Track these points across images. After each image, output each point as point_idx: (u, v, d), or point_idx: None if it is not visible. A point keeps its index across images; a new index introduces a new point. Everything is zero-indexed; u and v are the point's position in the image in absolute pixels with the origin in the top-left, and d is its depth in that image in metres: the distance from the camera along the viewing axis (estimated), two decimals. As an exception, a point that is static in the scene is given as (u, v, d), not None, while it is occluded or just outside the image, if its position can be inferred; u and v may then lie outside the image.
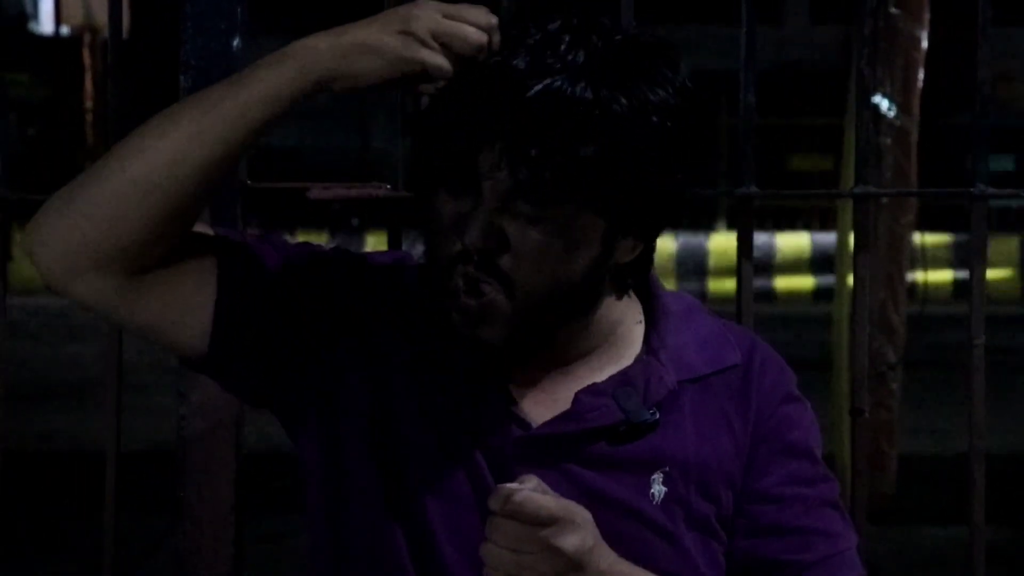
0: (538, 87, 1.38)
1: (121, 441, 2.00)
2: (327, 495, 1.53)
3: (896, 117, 6.37)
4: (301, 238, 13.19)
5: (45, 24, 19.18)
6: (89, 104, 15.90)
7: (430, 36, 1.41)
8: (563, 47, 1.39)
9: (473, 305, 1.43)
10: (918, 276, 12.27)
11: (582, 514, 1.41)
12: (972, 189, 2.06)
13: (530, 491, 1.39)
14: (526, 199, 1.40)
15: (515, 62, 1.39)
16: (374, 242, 12.77)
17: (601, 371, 1.52)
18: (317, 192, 1.99)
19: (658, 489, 1.50)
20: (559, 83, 1.38)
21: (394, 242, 2.00)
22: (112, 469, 2.00)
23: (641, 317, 1.56)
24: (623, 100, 1.39)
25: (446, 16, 1.42)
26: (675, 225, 1.52)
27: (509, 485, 1.40)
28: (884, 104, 6.29)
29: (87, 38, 16.26)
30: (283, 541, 4.65)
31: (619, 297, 1.52)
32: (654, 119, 1.40)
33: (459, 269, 1.42)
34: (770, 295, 14.41)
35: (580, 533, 1.40)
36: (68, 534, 6.16)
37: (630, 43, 1.43)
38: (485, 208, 1.41)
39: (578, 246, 1.43)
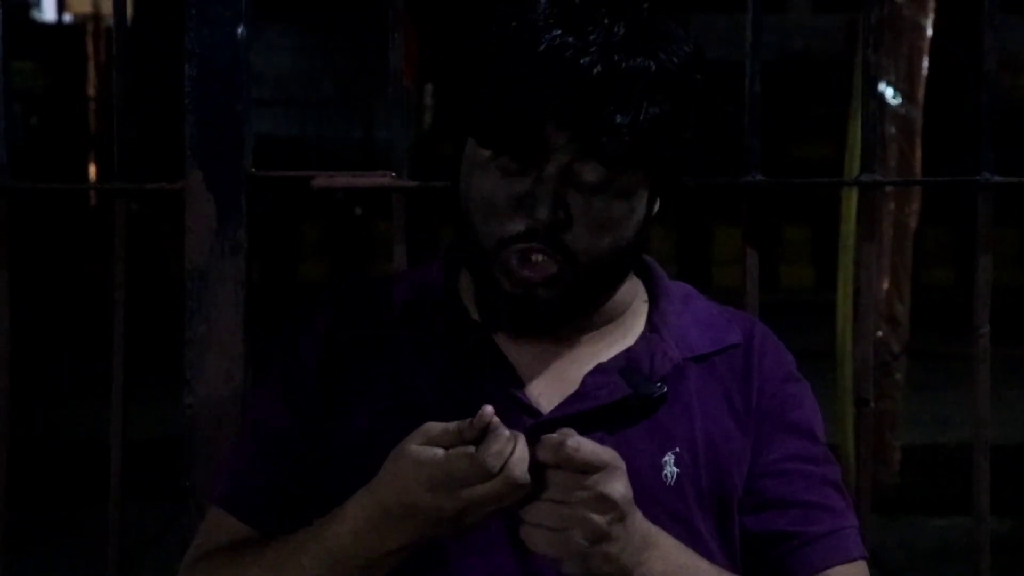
0: (599, 67, 1.41)
1: (127, 429, 2.00)
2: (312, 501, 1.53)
3: (901, 106, 6.35)
4: (306, 230, 13.10)
5: (48, 12, 19.18)
6: (93, 93, 15.89)
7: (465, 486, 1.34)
8: (605, 21, 1.43)
9: (535, 277, 1.45)
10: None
11: (621, 461, 1.38)
12: (977, 177, 2.05)
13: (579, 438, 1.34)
14: (605, 166, 1.43)
15: (568, 43, 1.42)
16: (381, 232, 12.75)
17: (608, 351, 1.53)
18: (321, 180, 1.98)
19: (671, 471, 1.50)
20: (617, 59, 1.42)
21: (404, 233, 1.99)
22: (117, 457, 2.00)
23: (646, 297, 1.58)
24: (675, 60, 1.45)
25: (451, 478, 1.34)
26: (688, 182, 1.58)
27: (554, 436, 1.35)
28: (889, 93, 6.28)
29: (91, 26, 16.24)
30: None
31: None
32: (697, 76, 1.47)
33: (513, 247, 1.44)
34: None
35: (625, 480, 1.36)
36: (73, 522, 6.17)
37: (652, 6, 1.48)
38: (550, 183, 1.43)
39: (633, 207, 1.47)
